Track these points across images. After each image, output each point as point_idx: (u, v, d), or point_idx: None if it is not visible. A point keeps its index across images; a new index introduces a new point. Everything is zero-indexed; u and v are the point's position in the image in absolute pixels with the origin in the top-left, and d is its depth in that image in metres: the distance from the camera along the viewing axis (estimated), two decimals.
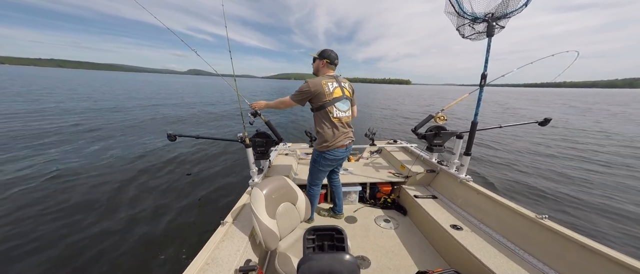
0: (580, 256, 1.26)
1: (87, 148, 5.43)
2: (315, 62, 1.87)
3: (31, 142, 5.58)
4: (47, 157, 4.74)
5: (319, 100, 1.73)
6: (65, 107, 10.70)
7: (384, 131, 9.29)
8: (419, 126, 2.49)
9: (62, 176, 3.94)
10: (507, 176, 4.64)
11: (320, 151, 1.83)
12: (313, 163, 1.94)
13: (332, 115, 1.75)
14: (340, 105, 1.78)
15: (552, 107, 20.66)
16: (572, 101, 31.50)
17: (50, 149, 5.23)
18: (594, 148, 6.82)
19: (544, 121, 2.25)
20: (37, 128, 6.79)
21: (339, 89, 1.77)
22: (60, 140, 5.89)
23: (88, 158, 4.82)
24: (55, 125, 7.30)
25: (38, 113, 8.90)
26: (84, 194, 3.45)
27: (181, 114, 11.03)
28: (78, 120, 8.17)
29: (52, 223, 2.81)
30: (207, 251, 1.29)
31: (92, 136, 6.43)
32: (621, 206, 3.50)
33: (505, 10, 1.71)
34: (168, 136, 2.07)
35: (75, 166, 4.36)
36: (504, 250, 1.50)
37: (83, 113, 9.51)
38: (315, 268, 0.84)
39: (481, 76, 1.87)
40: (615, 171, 5.02)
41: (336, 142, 1.78)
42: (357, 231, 2.13)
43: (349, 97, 1.85)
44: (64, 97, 14.55)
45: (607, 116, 14.58)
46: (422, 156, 2.76)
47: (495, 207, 1.78)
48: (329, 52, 1.80)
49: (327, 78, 1.77)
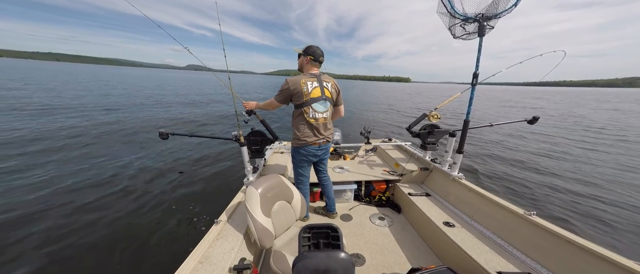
0: (567, 251, 1.30)
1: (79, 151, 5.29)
2: (300, 58, 1.85)
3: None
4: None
5: (296, 99, 1.73)
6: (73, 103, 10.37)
7: (379, 129, 9.36)
8: (413, 125, 2.52)
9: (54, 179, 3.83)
10: (502, 172, 4.75)
11: (293, 146, 1.88)
12: (292, 159, 1.99)
13: (308, 115, 1.75)
14: (317, 106, 1.76)
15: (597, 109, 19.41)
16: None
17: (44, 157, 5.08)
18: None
19: (532, 119, 2.31)
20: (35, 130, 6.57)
21: (318, 89, 1.75)
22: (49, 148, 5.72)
23: (76, 163, 4.69)
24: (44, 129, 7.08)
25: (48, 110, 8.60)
26: (66, 191, 3.37)
27: (174, 112, 10.84)
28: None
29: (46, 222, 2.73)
30: (201, 249, 1.28)
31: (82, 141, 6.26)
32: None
33: (495, 11, 1.74)
34: (160, 134, 2.03)
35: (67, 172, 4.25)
36: (494, 246, 1.54)
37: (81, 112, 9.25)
38: (310, 265, 0.84)
39: (473, 75, 1.91)
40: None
41: (307, 140, 1.79)
42: (352, 229, 2.15)
43: (329, 98, 1.82)
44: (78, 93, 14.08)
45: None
46: (416, 154, 2.79)
47: (486, 204, 1.82)
48: (314, 49, 1.78)
49: (308, 77, 1.75)
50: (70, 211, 2.99)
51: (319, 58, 1.79)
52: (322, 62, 1.83)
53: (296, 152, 1.89)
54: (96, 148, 5.28)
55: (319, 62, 1.81)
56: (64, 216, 2.90)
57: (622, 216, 3.28)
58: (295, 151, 1.90)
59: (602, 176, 4.71)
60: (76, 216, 2.91)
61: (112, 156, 4.82)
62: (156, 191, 3.57)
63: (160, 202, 3.29)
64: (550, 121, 11.08)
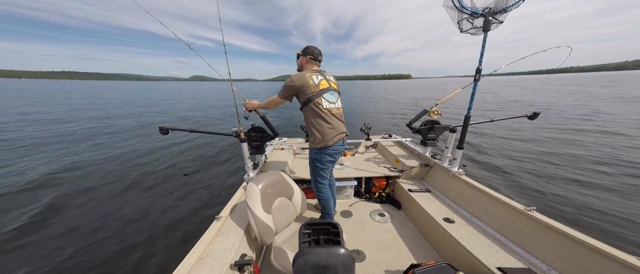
0: (567, 246, 1.31)
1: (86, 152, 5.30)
2: (299, 58, 1.82)
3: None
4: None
5: (304, 93, 1.65)
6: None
7: (379, 125, 9.34)
8: (414, 121, 2.51)
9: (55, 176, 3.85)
10: (508, 166, 4.75)
11: (318, 149, 1.71)
12: (313, 164, 1.80)
13: (322, 106, 1.67)
14: (329, 96, 1.71)
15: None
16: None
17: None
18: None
19: (533, 114, 2.29)
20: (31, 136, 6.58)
21: (325, 82, 1.72)
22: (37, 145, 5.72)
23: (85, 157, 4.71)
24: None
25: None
26: (75, 193, 3.38)
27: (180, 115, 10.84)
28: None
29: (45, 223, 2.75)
30: (202, 245, 1.29)
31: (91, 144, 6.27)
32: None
33: (505, 5, 1.68)
34: (160, 129, 2.03)
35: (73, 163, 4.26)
36: (494, 242, 1.54)
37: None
38: (310, 261, 0.84)
39: (476, 70, 1.88)
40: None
41: (332, 136, 1.67)
42: (352, 225, 2.15)
43: (337, 90, 1.81)
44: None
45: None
46: (417, 150, 2.78)
47: (486, 199, 1.82)
48: (312, 49, 1.78)
49: (312, 72, 1.73)
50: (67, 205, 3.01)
51: (317, 57, 1.79)
52: (321, 62, 1.83)
53: (320, 155, 1.72)
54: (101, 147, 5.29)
55: (317, 60, 1.80)
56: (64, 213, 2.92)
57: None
58: (319, 153, 1.73)
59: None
60: (82, 211, 2.93)
61: (115, 155, 4.83)
62: (157, 188, 3.59)
63: (162, 199, 3.30)
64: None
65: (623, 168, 4.55)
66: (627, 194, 3.61)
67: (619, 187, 3.84)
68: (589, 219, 3.12)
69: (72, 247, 2.38)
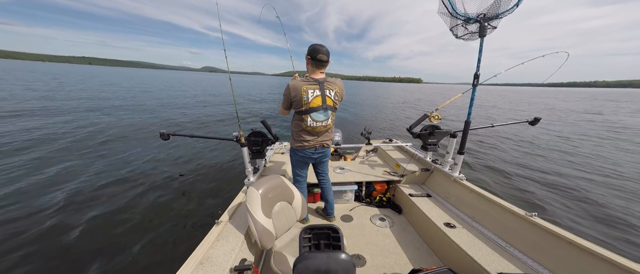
0: (568, 252, 1.30)
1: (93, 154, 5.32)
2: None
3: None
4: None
5: (296, 106, 1.67)
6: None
7: (380, 130, 9.35)
8: (414, 125, 2.52)
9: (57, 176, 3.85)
10: (510, 172, 4.73)
11: (291, 147, 1.91)
12: (290, 158, 2.01)
13: (305, 123, 1.69)
14: (316, 115, 1.68)
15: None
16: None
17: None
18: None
19: (534, 120, 2.30)
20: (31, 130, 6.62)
21: (319, 99, 1.64)
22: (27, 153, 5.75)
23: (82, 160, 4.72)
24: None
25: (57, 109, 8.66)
26: (71, 193, 3.38)
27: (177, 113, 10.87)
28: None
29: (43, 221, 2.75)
30: (201, 250, 1.28)
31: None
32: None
33: (496, 11, 1.73)
34: (161, 135, 2.04)
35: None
36: (495, 247, 1.54)
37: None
38: (311, 266, 0.84)
39: (474, 76, 1.90)
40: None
41: (303, 143, 1.79)
42: (353, 230, 2.14)
43: (330, 107, 1.71)
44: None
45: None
46: (417, 155, 2.79)
47: (487, 205, 1.82)
48: (312, 48, 1.59)
49: (311, 83, 1.63)
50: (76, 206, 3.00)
51: (316, 57, 1.58)
52: (325, 62, 1.62)
53: (293, 153, 1.92)
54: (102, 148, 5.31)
55: (319, 61, 1.60)
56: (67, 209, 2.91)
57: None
58: (292, 151, 1.92)
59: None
60: (79, 211, 2.92)
61: (113, 159, 4.84)
62: (156, 192, 3.58)
63: (161, 203, 3.29)
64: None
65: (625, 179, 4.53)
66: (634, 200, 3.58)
67: (624, 195, 3.82)
68: (594, 225, 3.10)
69: (63, 251, 2.37)
